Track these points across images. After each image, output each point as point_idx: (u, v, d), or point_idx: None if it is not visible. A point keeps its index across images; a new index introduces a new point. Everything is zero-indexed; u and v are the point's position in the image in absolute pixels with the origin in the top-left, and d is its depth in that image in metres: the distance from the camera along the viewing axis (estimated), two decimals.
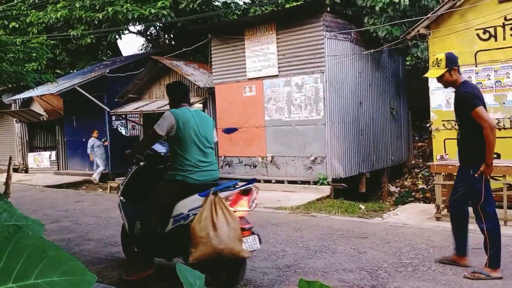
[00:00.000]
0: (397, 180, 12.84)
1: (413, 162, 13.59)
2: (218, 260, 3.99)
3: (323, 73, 10.40)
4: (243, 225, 4.11)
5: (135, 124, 15.29)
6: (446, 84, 4.60)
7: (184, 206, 4.27)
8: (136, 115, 14.59)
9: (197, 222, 3.99)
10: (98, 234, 6.90)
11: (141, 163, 5.01)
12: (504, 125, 7.94)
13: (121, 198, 5.10)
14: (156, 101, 13.76)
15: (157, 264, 5.23)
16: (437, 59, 4.58)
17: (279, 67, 11.09)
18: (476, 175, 4.40)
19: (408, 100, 13.77)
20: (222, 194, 4.08)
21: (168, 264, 5.25)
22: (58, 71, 19.74)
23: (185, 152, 4.31)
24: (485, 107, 4.41)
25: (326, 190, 10.11)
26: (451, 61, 4.50)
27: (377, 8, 10.80)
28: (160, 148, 4.89)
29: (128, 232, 4.97)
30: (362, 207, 8.75)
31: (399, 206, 9.32)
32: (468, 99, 4.39)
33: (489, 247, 4.40)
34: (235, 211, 4.07)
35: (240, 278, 4.28)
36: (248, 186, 4.20)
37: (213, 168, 4.47)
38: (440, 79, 4.54)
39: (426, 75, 4.81)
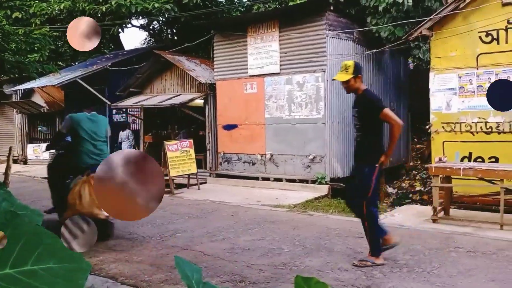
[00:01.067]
0: (395, 182, 12.85)
1: (411, 163, 13.60)
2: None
3: (325, 72, 10.40)
4: None
5: (135, 118, 15.30)
6: (349, 89, 5.03)
7: (74, 182, 5.86)
8: (137, 109, 14.59)
9: (70, 193, 5.63)
10: None
11: (61, 151, 6.73)
12: (503, 129, 7.94)
13: (48, 176, 6.73)
14: (157, 95, 13.76)
15: (154, 257, 5.28)
16: (346, 65, 4.99)
17: (280, 65, 11.09)
18: (375, 166, 4.86)
19: (408, 102, 13.77)
20: (92, 175, 5.60)
21: (165, 257, 5.29)
22: (60, 63, 19.72)
23: (79, 144, 6.03)
24: None
25: (324, 189, 10.12)
26: (357, 69, 4.96)
27: (380, 8, 10.80)
28: None
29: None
30: None
31: (396, 207, 9.34)
32: (376, 102, 4.93)
33: (370, 239, 4.96)
34: None
35: (110, 234, 6.03)
36: None
37: (101, 157, 5.96)
38: (346, 83, 4.97)
39: (334, 77, 5.16)
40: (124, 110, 15.07)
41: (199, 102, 13.10)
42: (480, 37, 8.11)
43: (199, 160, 12.32)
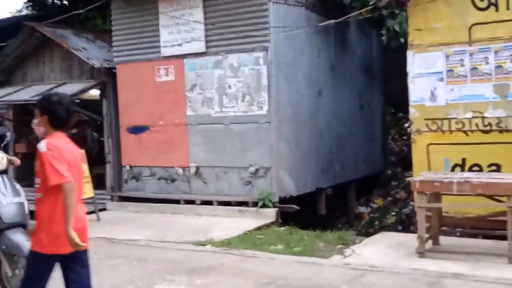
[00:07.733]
0: (369, 197, 12.82)
1: (389, 172, 13.64)
2: None
3: (267, 51, 10.17)
4: None
5: (2, 119, 14.40)
6: None
7: None
8: (3, 107, 13.73)
9: None
10: None
11: None
12: (506, 126, 7.89)
13: None
14: (32, 85, 13.00)
15: None
16: None
17: (207, 42, 10.73)
18: None
19: (384, 89, 13.77)
20: None
21: None
22: None
23: None
24: None
25: (270, 214, 9.84)
26: None
27: None
28: None
29: None
30: (321, 244, 8.48)
31: (369, 232, 9.22)
32: None
33: None
34: None
35: None
36: None
37: None
38: None
39: None
40: None
41: (95, 94, 12.48)
42: (473, 1, 8.03)
43: (99, 175, 12.04)
